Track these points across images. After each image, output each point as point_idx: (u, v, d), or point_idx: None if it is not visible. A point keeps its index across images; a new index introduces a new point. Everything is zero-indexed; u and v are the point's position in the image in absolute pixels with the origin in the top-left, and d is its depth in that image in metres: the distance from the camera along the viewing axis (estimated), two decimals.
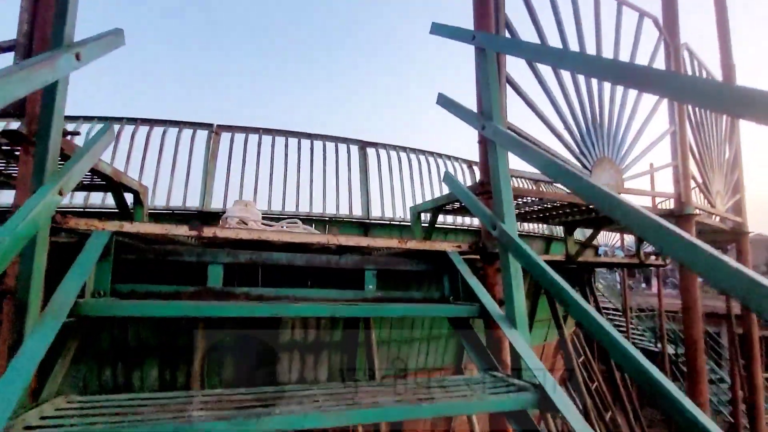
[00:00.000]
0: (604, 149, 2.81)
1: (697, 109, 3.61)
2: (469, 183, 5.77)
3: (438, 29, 2.40)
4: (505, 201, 1.88)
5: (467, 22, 2.37)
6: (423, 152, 5.49)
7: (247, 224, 2.71)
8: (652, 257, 5.05)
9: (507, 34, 2.47)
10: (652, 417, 8.72)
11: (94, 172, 2.08)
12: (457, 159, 5.80)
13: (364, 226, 4.66)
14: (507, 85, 2.37)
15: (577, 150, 2.70)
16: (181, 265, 1.89)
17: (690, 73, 3.68)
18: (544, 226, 6.53)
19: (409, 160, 5.32)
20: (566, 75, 2.71)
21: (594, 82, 2.80)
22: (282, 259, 2.03)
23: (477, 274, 2.16)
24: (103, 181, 2.24)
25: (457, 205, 3.06)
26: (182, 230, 1.83)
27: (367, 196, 4.79)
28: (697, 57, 3.82)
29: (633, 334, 13.17)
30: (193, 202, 4.22)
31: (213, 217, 4.11)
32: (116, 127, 4.28)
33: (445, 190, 4.88)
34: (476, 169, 5.94)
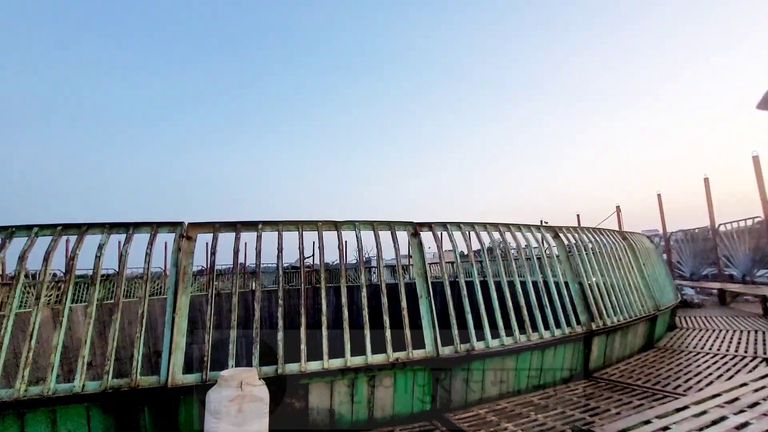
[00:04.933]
0: None
1: None
2: (555, 256, 4.07)
3: None
4: None
5: None
6: (495, 226, 3.79)
7: None
8: None
9: None
10: None
11: None
12: (539, 227, 4.10)
13: (434, 372, 2.92)
14: None
15: None
16: None
17: None
18: (641, 298, 4.82)
19: (480, 241, 3.62)
20: None
21: None
22: None
23: None
24: None
25: None
26: None
27: (431, 313, 3.06)
28: None
29: None
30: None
31: (180, 401, 2.38)
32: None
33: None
34: (566, 238, 4.24)
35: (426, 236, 3.48)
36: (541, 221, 19.86)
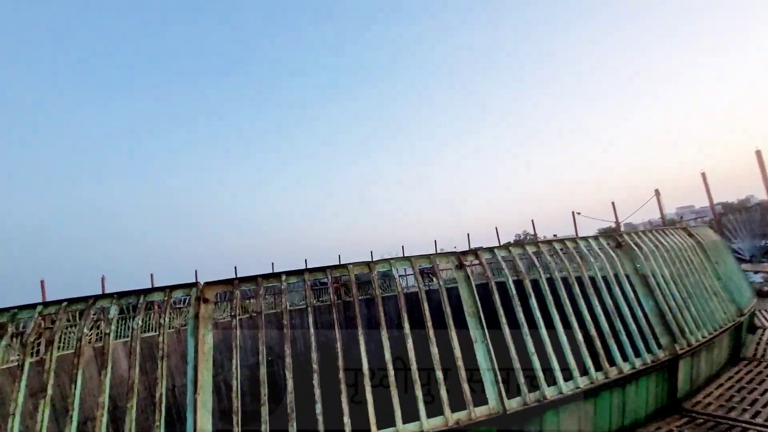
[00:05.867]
0: None
1: None
2: (621, 269, 3.52)
3: None
4: None
5: None
6: (548, 243, 3.30)
7: None
8: None
9: None
10: None
11: None
12: (596, 238, 3.58)
13: None
14: None
15: None
16: None
17: None
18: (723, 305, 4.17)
19: (534, 261, 3.14)
20: None
21: None
22: None
23: None
24: None
25: None
26: None
27: (491, 362, 2.60)
28: None
29: None
30: None
31: None
32: None
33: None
34: (629, 246, 3.68)
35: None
36: (573, 212, 19.01)
